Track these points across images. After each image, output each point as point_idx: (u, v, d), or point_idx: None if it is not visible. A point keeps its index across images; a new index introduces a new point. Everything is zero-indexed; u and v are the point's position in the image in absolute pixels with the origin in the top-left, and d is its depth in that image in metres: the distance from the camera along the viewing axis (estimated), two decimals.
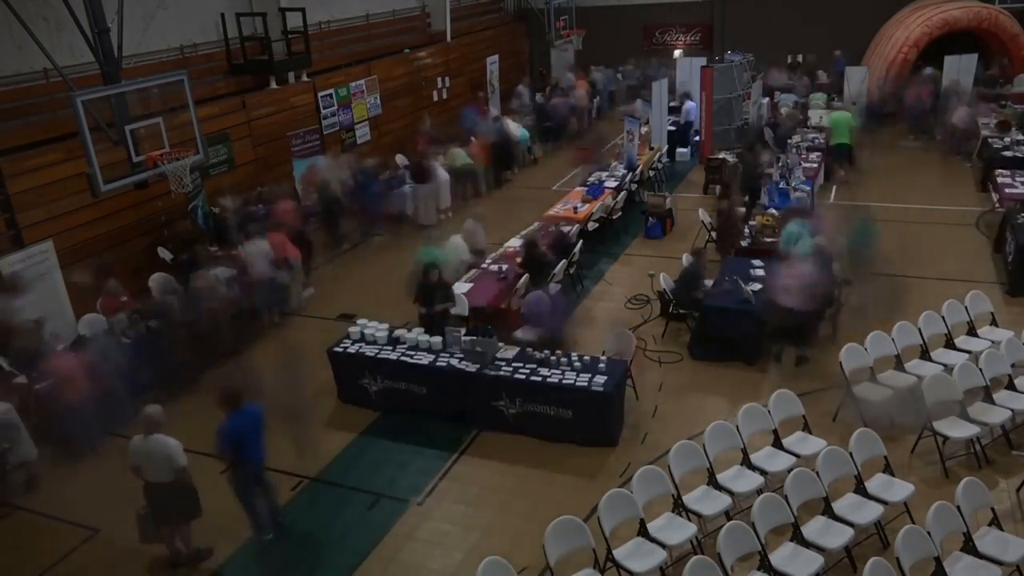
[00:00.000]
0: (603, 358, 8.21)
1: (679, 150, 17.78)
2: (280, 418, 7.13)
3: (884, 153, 16.80)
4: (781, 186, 12.74)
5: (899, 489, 6.36)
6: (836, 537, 5.93)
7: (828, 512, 6.14)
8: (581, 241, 11.64)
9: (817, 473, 6.28)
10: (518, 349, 8.51)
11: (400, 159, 16.16)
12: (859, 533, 6.07)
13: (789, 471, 6.31)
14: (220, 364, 9.62)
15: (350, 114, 16.34)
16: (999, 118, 16.00)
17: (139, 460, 6.44)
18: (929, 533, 5.54)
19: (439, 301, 9.27)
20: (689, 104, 18.08)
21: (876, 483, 6.42)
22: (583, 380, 7.79)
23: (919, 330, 8.34)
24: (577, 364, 8.05)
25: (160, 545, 6.76)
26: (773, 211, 11.69)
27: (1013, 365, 7.79)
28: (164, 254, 11.65)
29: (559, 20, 21.82)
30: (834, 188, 14.96)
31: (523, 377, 7.96)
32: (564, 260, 10.76)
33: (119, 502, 7.47)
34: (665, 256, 12.15)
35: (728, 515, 6.27)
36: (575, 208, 12.81)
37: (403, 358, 8.50)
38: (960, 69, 17.19)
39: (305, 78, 15.17)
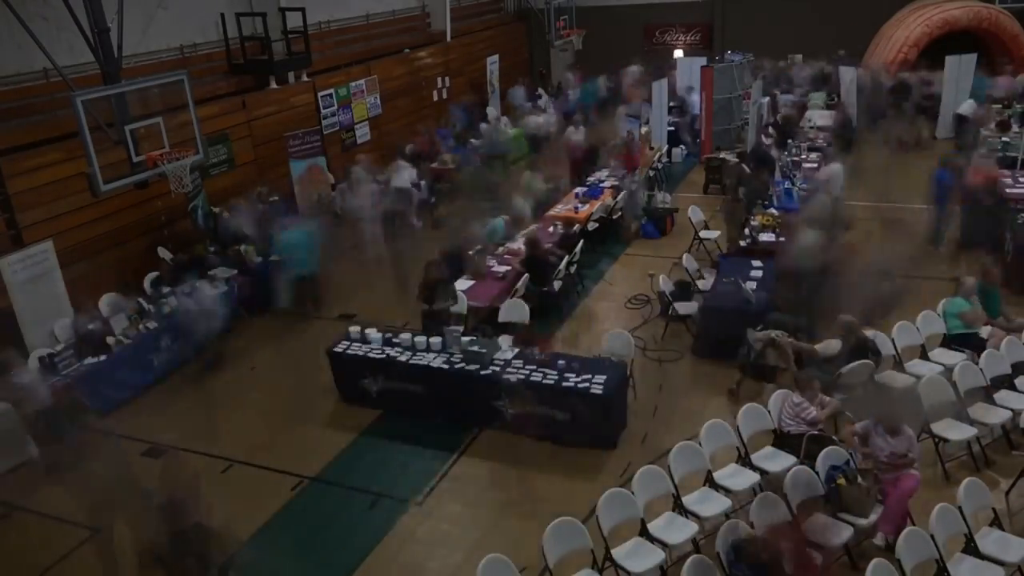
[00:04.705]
0: (603, 359, 8.21)
1: (674, 149, 17.76)
2: None
3: (882, 152, 16.82)
4: (786, 186, 12.73)
5: None
6: (836, 535, 5.91)
7: (828, 511, 6.13)
8: (582, 240, 11.65)
9: (817, 473, 6.28)
10: (518, 350, 8.51)
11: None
12: (859, 532, 6.08)
13: (788, 470, 6.31)
14: None
15: (350, 114, 16.34)
16: (999, 118, 15.99)
17: None
18: (932, 536, 5.54)
19: (441, 299, 9.26)
20: (693, 97, 18.16)
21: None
22: (583, 381, 7.79)
23: (918, 329, 8.34)
24: (577, 365, 8.05)
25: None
26: (773, 211, 11.69)
27: (1013, 365, 7.79)
28: (164, 254, 11.65)
29: (559, 20, 21.81)
30: None
31: (522, 378, 7.96)
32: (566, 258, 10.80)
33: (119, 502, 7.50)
34: (665, 256, 12.15)
35: (728, 515, 6.27)
36: (576, 208, 12.82)
37: (402, 358, 8.50)
38: (960, 69, 17.16)
39: (305, 78, 15.16)
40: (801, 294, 8.69)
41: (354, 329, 9.00)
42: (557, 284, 10.42)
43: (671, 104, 18.43)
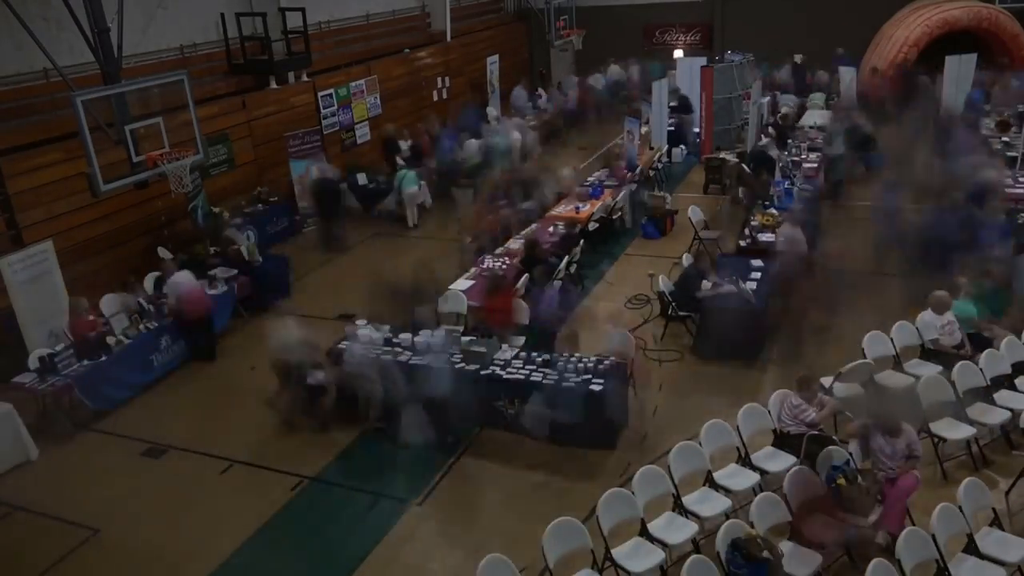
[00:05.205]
0: (603, 359, 8.20)
1: (674, 150, 17.75)
2: None
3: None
4: (786, 186, 12.74)
5: None
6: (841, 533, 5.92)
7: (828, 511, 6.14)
8: (583, 240, 11.65)
9: (817, 473, 6.28)
10: (518, 349, 8.51)
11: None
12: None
13: (788, 470, 6.31)
14: None
15: (350, 114, 16.34)
16: (998, 118, 15.98)
17: None
18: (933, 536, 5.54)
19: (423, 302, 9.22)
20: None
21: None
22: (583, 382, 7.77)
23: (917, 330, 8.34)
24: (579, 365, 8.04)
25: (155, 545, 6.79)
26: (773, 211, 11.70)
27: (1013, 365, 7.79)
28: (164, 254, 11.65)
29: (559, 20, 21.82)
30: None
31: (522, 378, 7.95)
32: (566, 258, 10.79)
33: (119, 502, 7.51)
34: (665, 256, 12.15)
35: (728, 515, 6.27)
36: (576, 208, 12.82)
37: (402, 358, 8.49)
38: (960, 69, 17.15)
39: (305, 78, 15.17)
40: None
41: (350, 328, 8.98)
42: (557, 284, 10.41)
43: (671, 104, 18.42)
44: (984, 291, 8.66)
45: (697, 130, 17.85)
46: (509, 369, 8.09)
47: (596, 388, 7.65)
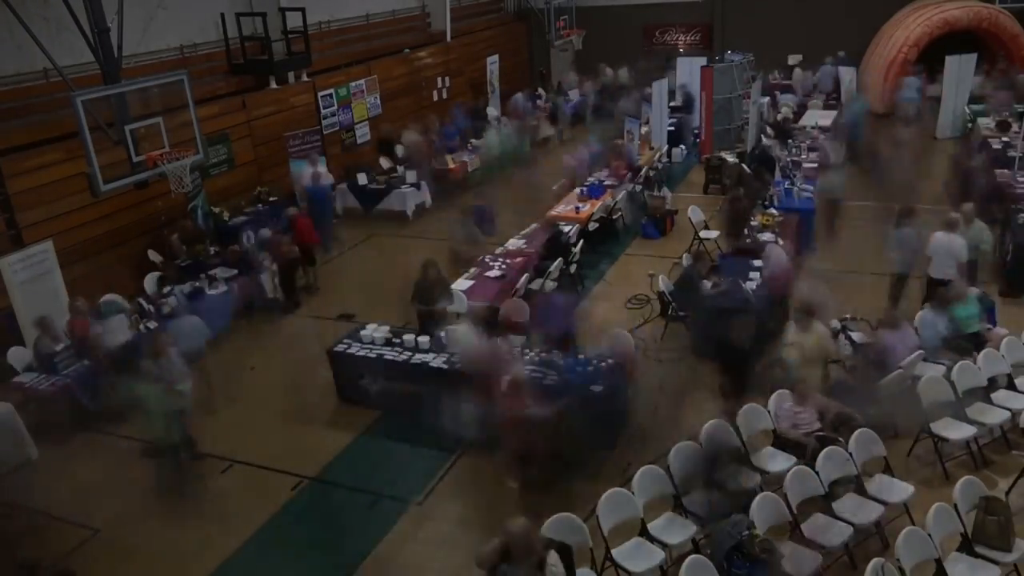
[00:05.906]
0: (602, 359, 8.20)
1: (674, 150, 17.76)
2: None
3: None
4: (786, 186, 12.73)
5: (899, 490, 6.37)
6: (836, 535, 5.93)
7: (827, 511, 6.14)
8: (582, 241, 11.65)
9: (817, 472, 6.28)
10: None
11: (384, 162, 16.16)
12: (859, 533, 6.07)
13: (789, 470, 6.31)
14: None
15: (350, 114, 16.35)
16: (998, 119, 15.98)
17: None
18: (930, 535, 5.54)
19: (437, 300, 9.24)
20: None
21: (876, 483, 6.42)
22: (582, 381, 7.76)
23: (916, 330, 8.33)
24: (578, 366, 8.03)
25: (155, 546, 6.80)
26: (773, 211, 11.69)
27: (1013, 365, 7.79)
28: (155, 256, 11.63)
29: (559, 20, 21.83)
30: None
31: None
32: (560, 259, 10.77)
33: (119, 502, 7.51)
34: (665, 256, 12.15)
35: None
36: (577, 208, 12.82)
37: (402, 358, 8.49)
38: (960, 69, 17.17)
39: (305, 78, 15.17)
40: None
41: (365, 333, 8.97)
42: (551, 285, 10.39)
43: (672, 104, 18.43)
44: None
45: (696, 130, 17.86)
46: None
47: (596, 388, 7.65)
